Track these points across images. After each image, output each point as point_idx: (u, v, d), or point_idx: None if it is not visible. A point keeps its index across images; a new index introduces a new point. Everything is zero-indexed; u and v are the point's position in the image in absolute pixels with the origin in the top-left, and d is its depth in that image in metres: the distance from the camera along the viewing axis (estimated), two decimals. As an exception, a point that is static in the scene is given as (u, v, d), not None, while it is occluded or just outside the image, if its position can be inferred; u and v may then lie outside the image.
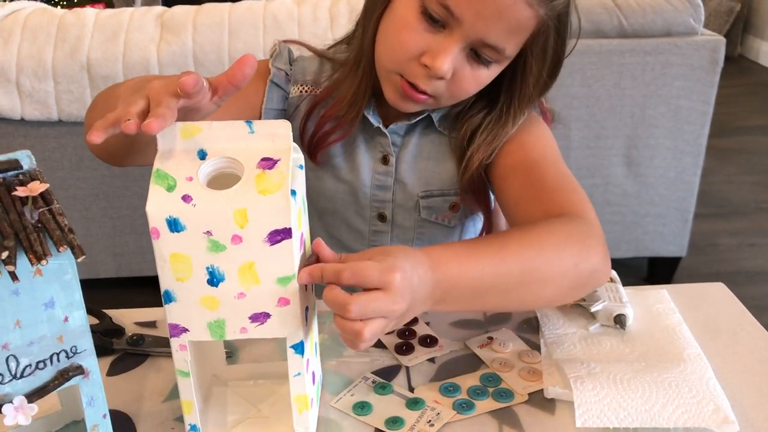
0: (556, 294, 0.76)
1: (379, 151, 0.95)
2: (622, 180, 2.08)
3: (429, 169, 0.95)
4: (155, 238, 0.59)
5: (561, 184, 0.84)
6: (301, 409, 0.65)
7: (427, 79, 0.82)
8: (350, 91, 0.90)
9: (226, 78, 0.66)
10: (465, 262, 0.68)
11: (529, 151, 0.89)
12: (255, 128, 0.61)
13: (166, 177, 0.60)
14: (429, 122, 0.94)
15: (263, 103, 0.93)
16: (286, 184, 0.58)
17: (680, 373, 0.75)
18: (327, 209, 0.99)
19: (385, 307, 0.61)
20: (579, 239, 0.75)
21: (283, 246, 0.59)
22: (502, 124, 0.89)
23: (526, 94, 0.88)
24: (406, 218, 0.98)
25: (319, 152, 0.94)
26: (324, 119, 0.92)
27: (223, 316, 0.61)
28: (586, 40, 1.93)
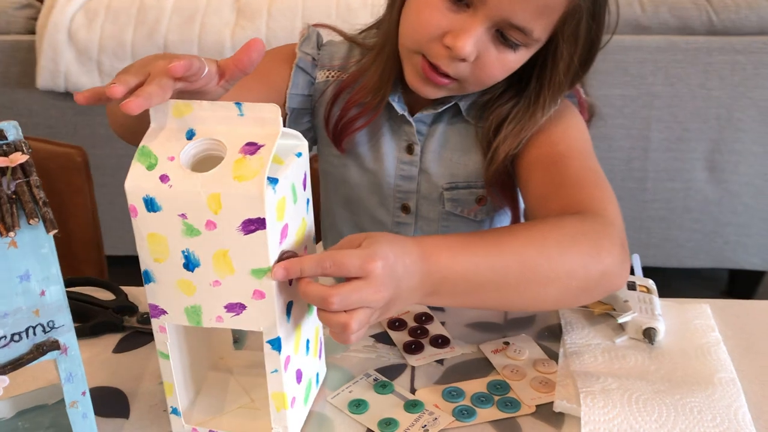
0: (563, 295, 0.70)
1: (404, 140, 0.92)
2: (704, 186, 1.96)
3: (455, 160, 0.91)
4: (133, 216, 0.58)
5: (583, 179, 0.78)
6: (278, 408, 0.63)
7: (449, 61, 0.78)
8: (375, 76, 0.87)
9: (233, 62, 0.66)
10: (458, 254, 0.64)
11: (556, 143, 0.83)
12: (244, 111, 0.59)
13: (150, 155, 0.58)
14: (456, 111, 0.90)
15: (288, 87, 0.91)
16: (263, 171, 0.55)
17: (706, 398, 0.68)
18: (352, 198, 0.97)
19: (368, 296, 0.59)
20: (590, 238, 0.69)
21: (257, 237, 0.56)
22: (530, 115, 0.84)
23: (556, 83, 0.82)
24: (430, 210, 0.94)
25: (344, 139, 0.91)
26: (349, 105, 0.89)
27: (199, 303, 0.60)
28: (671, 37, 1.83)
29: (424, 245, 0.63)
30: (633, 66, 1.84)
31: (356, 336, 0.60)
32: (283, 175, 0.59)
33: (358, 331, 0.60)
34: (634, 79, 1.86)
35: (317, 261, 0.58)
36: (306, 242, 0.66)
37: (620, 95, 1.88)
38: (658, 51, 1.83)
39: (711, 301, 0.84)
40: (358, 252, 0.59)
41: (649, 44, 1.83)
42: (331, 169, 0.97)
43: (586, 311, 0.82)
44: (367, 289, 0.58)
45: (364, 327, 0.60)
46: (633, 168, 1.95)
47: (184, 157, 0.58)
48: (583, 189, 0.77)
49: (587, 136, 0.87)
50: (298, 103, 0.93)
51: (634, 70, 1.85)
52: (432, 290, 0.64)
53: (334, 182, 0.98)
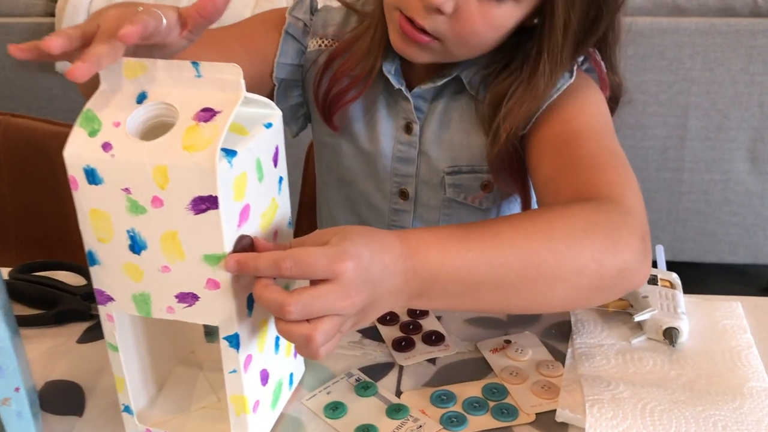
0: (572, 295, 0.60)
1: (402, 118, 0.83)
2: (745, 177, 1.85)
3: (457, 141, 0.82)
4: (74, 189, 0.51)
5: (599, 161, 0.68)
6: (238, 412, 0.56)
7: (425, 13, 0.70)
8: (366, 42, 0.79)
9: (195, 10, 0.58)
10: (449, 250, 0.55)
11: (569, 121, 0.74)
12: (202, 71, 0.51)
13: (93, 119, 0.51)
14: (459, 86, 0.81)
15: (276, 56, 0.84)
16: (216, 141, 0.48)
17: (733, 411, 0.59)
18: (346, 181, 0.89)
19: (335, 303, 0.49)
20: (605, 229, 0.60)
21: (209, 217, 0.49)
22: (530, 89, 0.74)
23: (556, 47, 0.72)
24: (431, 197, 0.86)
25: (334, 114, 0.84)
26: (338, 75, 0.82)
27: (147, 290, 0.53)
28: (712, 19, 1.72)
29: (409, 240, 0.54)
30: (670, 50, 1.75)
31: (325, 349, 0.51)
32: (245, 147, 0.51)
33: (325, 344, 0.51)
34: (671, 63, 1.76)
35: (275, 259, 0.50)
36: (277, 227, 0.58)
37: (656, 81, 1.78)
38: (697, 34, 1.73)
39: (744, 298, 0.75)
40: (324, 250, 0.50)
41: (687, 27, 1.73)
42: (325, 149, 0.89)
43: (600, 308, 0.73)
44: (334, 295, 0.49)
45: (333, 339, 0.52)
46: (669, 158, 1.85)
47: (132, 123, 0.51)
48: (598, 172, 0.67)
49: (607, 113, 0.77)
50: (287, 73, 0.85)
51: (671, 55, 1.75)
52: (419, 292, 0.55)
53: (328, 164, 0.90)
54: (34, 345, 0.71)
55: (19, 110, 2.07)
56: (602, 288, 0.61)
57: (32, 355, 0.70)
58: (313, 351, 0.50)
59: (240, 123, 0.54)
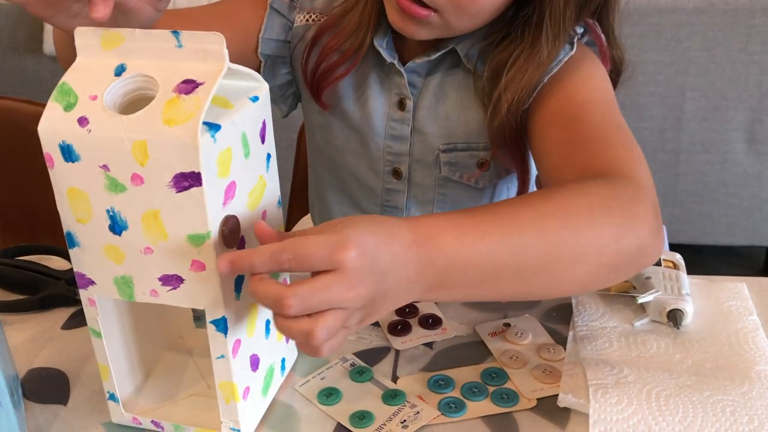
0: (592, 276, 0.57)
1: (395, 94, 0.80)
2: (742, 158, 1.83)
3: (453, 117, 0.79)
4: (50, 166, 0.49)
5: (607, 136, 0.66)
6: (227, 399, 0.53)
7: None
8: (356, 15, 0.76)
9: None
10: (467, 234, 0.52)
11: (573, 95, 0.71)
12: (183, 41, 0.48)
13: (69, 93, 0.49)
14: (455, 59, 0.78)
15: (261, 31, 0.80)
16: (198, 115, 0.45)
17: (741, 396, 0.57)
18: (337, 161, 0.86)
19: (339, 295, 0.46)
20: (622, 205, 0.57)
21: (192, 195, 0.46)
22: (533, 56, 0.71)
23: (558, 14, 0.69)
24: (425, 176, 0.83)
25: (323, 91, 0.80)
26: (326, 50, 0.78)
27: (130, 273, 0.50)
28: (710, -3, 1.69)
29: (421, 227, 0.51)
30: (667, 29, 1.72)
31: (328, 346, 0.48)
32: (230, 121, 0.49)
33: (329, 341, 0.48)
34: (669, 43, 1.74)
35: (272, 253, 0.46)
36: (265, 206, 0.55)
37: (653, 61, 1.76)
38: (695, 13, 1.70)
39: (749, 279, 0.73)
40: (324, 239, 0.47)
41: (685, 6, 1.70)
42: (315, 128, 0.87)
43: (601, 290, 0.71)
44: (336, 286, 0.46)
45: (337, 335, 0.48)
46: (666, 139, 1.83)
47: (110, 97, 0.49)
48: (606, 146, 0.65)
49: (609, 86, 0.74)
50: (273, 49, 0.82)
51: (669, 34, 1.73)
52: (435, 282, 0.51)
53: (318, 144, 0.88)
54: (17, 332, 0.69)
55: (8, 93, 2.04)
56: (621, 266, 0.58)
57: (15, 342, 0.68)
58: (315, 348, 0.47)
59: (224, 96, 0.51)
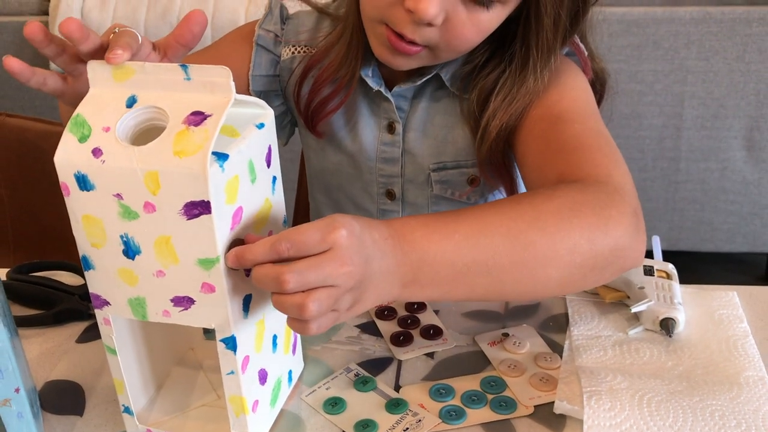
0: (567, 277, 0.59)
1: (383, 119, 0.83)
2: (741, 165, 1.85)
3: (441, 137, 0.82)
4: (66, 194, 0.51)
5: (584, 143, 0.68)
6: (237, 412, 0.56)
7: (414, 27, 0.69)
8: (342, 49, 0.78)
9: (173, 38, 0.60)
10: (434, 233, 0.55)
11: (552, 106, 0.73)
12: (191, 74, 0.51)
13: (83, 125, 0.51)
14: (439, 83, 0.80)
15: (250, 69, 0.83)
16: (207, 146, 0.48)
17: (730, 401, 0.59)
18: (332, 184, 0.89)
19: (331, 271, 0.49)
20: (593, 207, 0.59)
21: (202, 222, 0.49)
22: (520, 82, 0.73)
23: (545, 42, 0.71)
24: (418, 195, 0.85)
25: (318, 123, 0.83)
26: (318, 85, 0.81)
27: (143, 294, 0.53)
28: (707, 8, 1.72)
29: (394, 224, 0.55)
30: (665, 39, 1.74)
31: (318, 325, 0.51)
32: (237, 149, 0.51)
33: (319, 318, 0.50)
34: (667, 53, 1.76)
35: (271, 243, 0.50)
36: (271, 227, 0.58)
37: (652, 70, 1.78)
38: (692, 23, 1.73)
39: (739, 287, 0.75)
40: (316, 224, 0.51)
41: (682, 16, 1.72)
42: (311, 154, 0.89)
43: (597, 299, 0.73)
44: (330, 264, 0.49)
45: (327, 314, 0.51)
46: (665, 147, 1.85)
47: (122, 128, 0.51)
48: (584, 153, 0.66)
49: (590, 95, 0.77)
50: (264, 85, 0.85)
51: (667, 44, 1.75)
52: (410, 278, 0.55)
53: (315, 168, 0.90)
54: (34, 345, 0.72)
55: (14, 109, 2.07)
56: (597, 267, 0.60)
57: (32, 356, 0.70)
58: (304, 324, 0.50)
59: (231, 125, 0.54)
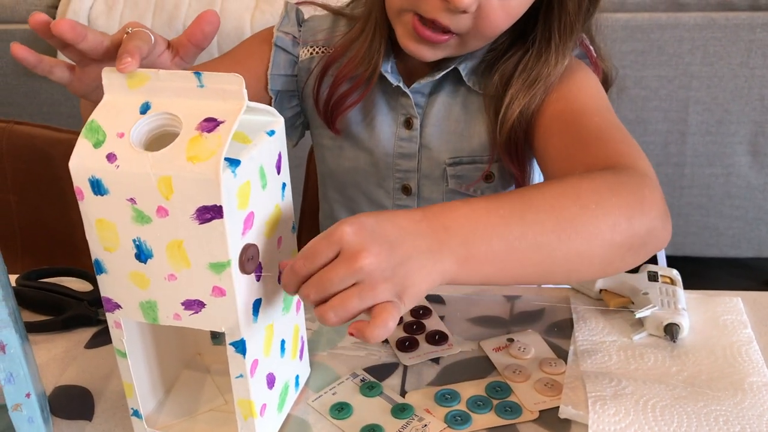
0: (608, 255, 0.59)
1: (401, 114, 0.84)
2: (746, 171, 1.85)
3: (458, 132, 0.84)
4: (80, 199, 0.52)
5: (607, 135, 0.70)
6: (245, 416, 0.56)
7: (448, 14, 0.71)
8: (364, 45, 0.80)
9: (186, 37, 0.61)
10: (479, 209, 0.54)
11: (572, 101, 0.75)
12: (205, 81, 0.52)
13: (98, 130, 0.52)
14: (457, 78, 0.82)
15: (269, 69, 0.85)
16: (220, 152, 0.49)
17: (734, 406, 0.60)
18: (347, 182, 0.90)
19: (346, 269, 0.49)
20: (630, 188, 0.61)
21: (214, 226, 0.49)
22: (542, 62, 0.76)
23: (567, 24, 0.74)
24: (433, 190, 0.87)
25: (337, 118, 0.84)
26: (338, 81, 0.82)
27: (154, 298, 0.54)
28: (711, 13, 1.72)
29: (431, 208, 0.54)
30: (669, 45, 1.75)
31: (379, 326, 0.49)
32: (249, 156, 0.52)
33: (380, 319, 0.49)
34: (671, 58, 1.76)
35: (291, 269, 0.52)
36: (281, 233, 0.59)
37: (656, 76, 1.78)
38: (696, 28, 1.73)
39: (744, 293, 0.76)
40: (322, 233, 0.52)
41: (686, 21, 1.73)
42: (326, 152, 0.90)
43: (601, 304, 0.74)
44: (341, 264, 0.49)
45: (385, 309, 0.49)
46: (670, 153, 1.85)
47: (136, 133, 0.52)
48: (609, 144, 0.69)
49: (604, 94, 0.79)
50: (282, 84, 0.86)
51: (671, 49, 1.75)
52: (465, 254, 0.53)
53: (329, 167, 0.91)
54: (43, 351, 0.72)
55: (22, 116, 2.08)
56: (634, 247, 0.60)
57: (41, 361, 0.71)
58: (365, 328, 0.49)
59: (243, 131, 0.55)
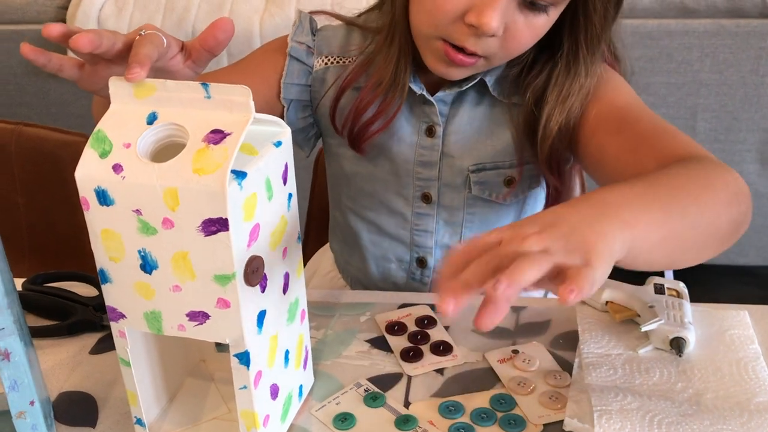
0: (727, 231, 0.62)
1: (423, 122, 0.84)
2: (755, 179, 1.85)
3: (480, 139, 0.84)
4: (85, 209, 0.52)
5: (661, 128, 0.72)
6: (248, 427, 0.56)
7: (476, 39, 0.72)
8: (387, 71, 0.79)
9: (198, 42, 0.61)
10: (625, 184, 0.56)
11: (614, 102, 0.77)
12: (212, 92, 0.52)
13: (104, 140, 0.52)
14: (482, 88, 0.82)
15: (282, 77, 0.84)
16: (226, 165, 0.48)
17: (741, 426, 0.59)
18: (363, 190, 0.89)
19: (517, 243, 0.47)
20: (720, 173, 0.63)
21: (219, 239, 0.49)
22: (573, 76, 0.77)
23: (594, 35, 0.75)
24: (454, 198, 0.87)
25: (363, 144, 0.84)
26: (362, 107, 0.82)
27: (159, 308, 0.53)
28: (721, 20, 1.72)
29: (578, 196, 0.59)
30: (678, 52, 1.74)
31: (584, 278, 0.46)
32: (255, 167, 0.52)
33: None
34: (680, 65, 1.76)
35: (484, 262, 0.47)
36: (286, 244, 0.59)
37: (665, 83, 1.78)
38: (705, 35, 1.72)
39: (751, 307, 0.75)
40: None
41: (696, 28, 1.72)
42: (342, 160, 0.90)
43: (607, 317, 0.74)
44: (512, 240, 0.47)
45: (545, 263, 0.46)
46: (678, 160, 1.84)
47: (143, 144, 0.52)
48: (669, 137, 0.70)
49: (635, 92, 0.81)
50: (296, 93, 0.86)
51: (680, 56, 1.75)
52: (625, 219, 0.51)
53: (345, 174, 0.90)
54: (48, 356, 0.73)
55: (32, 116, 2.09)
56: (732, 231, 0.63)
57: (46, 366, 0.71)
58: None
59: (249, 142, 0.54)
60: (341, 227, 0.95)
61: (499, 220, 0.88)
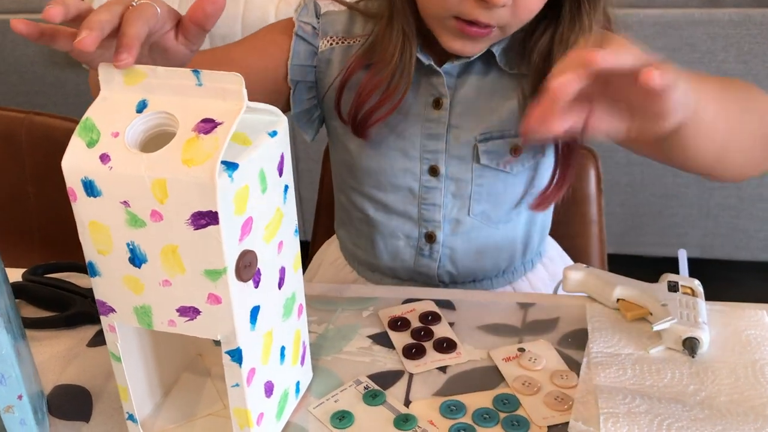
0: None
1: (430, 95, 0.83)
2: (780, 172, 1.79)
3: (488, 110, 0.83)
4: (73, 200, 0.51)
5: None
6: (241, 425, 0.55)
7: (488, 12, 0.72)
8: (390, 56, 0.78)
9: (188, 18, 0.58)
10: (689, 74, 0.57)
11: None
12: (203, 80, 0.50)
13: (92, 129, 0.50)
14: (489, 58, 0.81)
15: (289, 58, 0.83)
16: (216, 155, 0.47)
17: None
18: (370, 169, 0.87)
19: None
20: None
21: (209, 233, 0.48)
22: (578, 29, 0.76)
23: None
24: (460, 169, 0.85)
25: (366, 131, 0.84)
26: (365, 94, 0.81)
27: (148, 303, 0.52)
28: (746, 9, 1.67)
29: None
30: (702, 42, 1.70)
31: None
32: (248, 158, 0.50)
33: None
34: (704, 56, 1.71)
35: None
36: (282, 237, 0.57)
37: (688, 73, 1.73)
38: (730, 25, 1.68)
39: None
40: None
41: (720, 18, 1.68)
42: (347, 142, 0.88)
43: (617, 315, 0.71)
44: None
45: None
46: (700, 152, 1.80)
47: (132, 133, 0.50)
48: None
49: None
50: (301, 74, 0.84)
51: (704, 47, 1.70)
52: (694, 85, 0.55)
53: (351, 156, 0.89)
54: (45, 348, 0.72)
55: (48, 105, 2.10)
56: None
57: (43, 358, 0.70)
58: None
59: (243, 132, 0.53)
60: (347, 211, 0.94)
61: (506, 191, 0.87)
